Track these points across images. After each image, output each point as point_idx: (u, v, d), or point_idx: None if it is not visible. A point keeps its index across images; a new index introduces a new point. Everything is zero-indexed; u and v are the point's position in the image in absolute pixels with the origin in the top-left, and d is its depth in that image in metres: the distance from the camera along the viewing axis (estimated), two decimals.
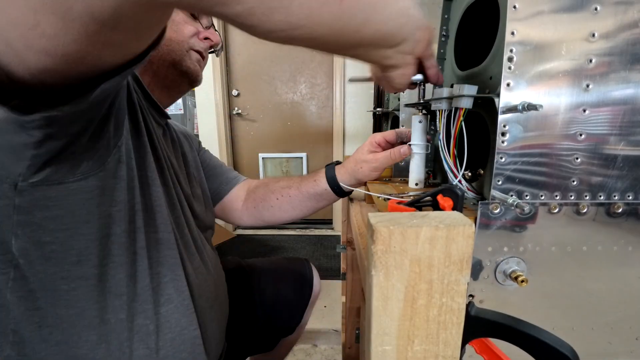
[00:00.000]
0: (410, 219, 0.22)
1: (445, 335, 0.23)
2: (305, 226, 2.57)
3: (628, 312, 0.42)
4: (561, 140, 0.37)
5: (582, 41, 0.35)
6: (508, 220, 0.38)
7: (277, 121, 2.44)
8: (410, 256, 0.21)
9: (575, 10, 0.35)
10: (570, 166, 0.38)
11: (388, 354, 0.23)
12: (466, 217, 0.22)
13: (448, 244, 0.21)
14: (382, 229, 0.21)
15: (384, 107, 1.00)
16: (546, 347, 0.24)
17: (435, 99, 0.46)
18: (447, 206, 0.34)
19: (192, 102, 2.43)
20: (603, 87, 0.36)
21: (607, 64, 0.36)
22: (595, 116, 0.37)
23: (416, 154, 0.55)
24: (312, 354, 1.36)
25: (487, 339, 0.28)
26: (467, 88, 0.41)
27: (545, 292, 0.41)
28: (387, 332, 0.23)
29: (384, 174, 0.80)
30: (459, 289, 0.22)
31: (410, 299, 0.22)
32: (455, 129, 0.43)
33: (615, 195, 0.39)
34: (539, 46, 0.35)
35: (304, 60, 2.36)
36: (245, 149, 2.52)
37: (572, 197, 0.38)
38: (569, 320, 0.42)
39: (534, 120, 0.37)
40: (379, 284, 0.22)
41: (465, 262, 0.22)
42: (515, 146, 0.37)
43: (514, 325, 0.25)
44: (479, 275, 0.40)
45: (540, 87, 0.36)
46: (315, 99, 2.41)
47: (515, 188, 0.38)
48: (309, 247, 2.19)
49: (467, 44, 0.52)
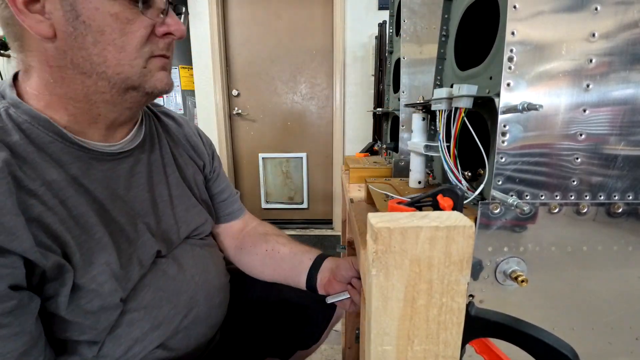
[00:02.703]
0: (410, 219, 0.22)
1: (445, 335, 0.23)
2: (305, 226, 2.57)
3: (628, 312, 0.42)
4: (561, 140, 0.37)
5: (582, 41, 0.35)
6: (508, 220, 0.38)
7: (277, 121, 2.44)
8: (410, 256, 0.21)
9: (575, 10, 0.35)
10: (571, 166, 0.38)
11: (388, 354, 0.23)
12: (466, 217, 0.22)
13: (448, 244, 0.21)
14: (382, 229, 0.21)
15: (384, 107, 1.00)
16: (546, 347, 0.24)
17: (435, 99, 0.46)
18: (447, 206, 0.34)
19: (192, 102, 2.43)
20: (603, 87, 0.36)
21: (607, 64, 0.36)
22: (595, 116, 0.37)
23: (416, 154, 0.55)
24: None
25: (487, 339, 0.28)
26: (467, 88, 0.41)
27: (545, 292, 0.41)
28: (387, 332, 0.23)
29: (384, 174, 0.80)
30: (459, 289, 0.22)
31: (410, 299, 0.22)
32: (455, 129, 0.43)
33: (616, 195, 0.39)
34: (539, 46, 0.35)
35: (304, 60, 2.36)
36: (245, 149, 2.52)
37: (572, 197, 0.38)
38: (569, 320, 0.42)
39: (534, 120, 0.37)
40: (379, 284, 0.22)
41: (465, 262, 0.22)
42: (515, 146, 0.37)
43: (514, 325, 0.25)
44: (479, 275, 0.40)
45: (541, 87, 0.36)
46: (315, 99, 2.41)
47: (515, 188, 0.38)
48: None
49: (467, 44, 0.51)
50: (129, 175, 0.50)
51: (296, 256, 0.66)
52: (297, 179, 2.53)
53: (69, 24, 0.38)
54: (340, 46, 2.19)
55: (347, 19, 2.17)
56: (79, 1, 0.38)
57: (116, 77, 0.42)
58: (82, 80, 0.41)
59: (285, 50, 2.34)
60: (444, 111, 0.45)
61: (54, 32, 0.39)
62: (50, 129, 0.41)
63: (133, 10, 0.40)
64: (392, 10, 0.90)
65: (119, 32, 0.40)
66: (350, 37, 2.18)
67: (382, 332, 0.23)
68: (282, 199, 2.58)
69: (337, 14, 2.16)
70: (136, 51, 0.42)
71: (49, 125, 0.41)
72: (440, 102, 0.45)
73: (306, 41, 2.32)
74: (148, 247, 0.50)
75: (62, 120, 0.43)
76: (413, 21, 0.73)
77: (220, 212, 0.71)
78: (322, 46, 2.31)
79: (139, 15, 0.41)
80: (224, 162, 2.42)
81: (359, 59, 2.22)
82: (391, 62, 0.92)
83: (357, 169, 0.82)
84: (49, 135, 0.41)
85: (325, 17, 2.27)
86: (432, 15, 0.73)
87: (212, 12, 2.19)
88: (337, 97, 2.28)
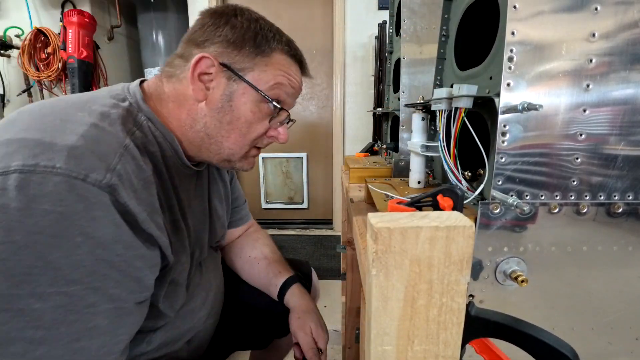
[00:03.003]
0: (410, 219, 0.22)
1: (445, 335, 0.23)
2: (305, 226, 2.57)
3: (628, 312, 0.42)
4: (561, 140, 0.37)
5: (582, 41, 0.35)
6: (508, 220, 0.38)
7: None
8: (410, 256, 0.21)
9: (575, 10, 0.35)
10: (571, 166, 0.38)
11: (388, 354, 0.23)
12: (466, 217, 0.22)
13: (448, 244, 0.21)
14: (382, 229, 0.21)
15: (384, 107, 1.00)
16: (546, 347, 0.24)
17: (435, 99, 0.46)
18: (447, 206, 0.34)
19: None
20: (603, 87, 0.36)
21: (607, 64, 0.36)
22: (595, 116, 0.37)
23: (416, 154, 0.55)
24: None
25: (487, 339, 0.28)
26: (467, 88, 0.41)
27: (545, 292, 0.41)
28: (387, 332, 0.23)
29: (384, 174, 0.80)
30: (459, 289, 0.22)
31: (410, 299, 0.22)
32: (455, 129, 0.43)
33: (616, 195, 0.39)
34: (539, 46, 0.35)
35: None
36: None
37: (572, 197, 0.38)
38: (569, 320, 0.42)
39: (534, 120, 0.37)
40: (379, 284, 0.22)
41: (465, 262, 0.22)
42: (515, 146, 0.37)
43: (514, 325, 0.25)
44: (479, 275, 0.40)
45: (540, 87, 0.36)
46: (315, 99, 2.41)
47: (515, 188, 0.38)
48: (309, 247, 2.19)
49: (467, 44, 0.51)
50: (195, 186, 0.57)
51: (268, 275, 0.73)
52: (297, 179, 2.53)
53: (219, 102, 0.49)
54: (340, 46, 2.19)
55: (347, 19, 2.17)
56: (236, 93, 0.49)
57: (226, 150, 0.52)
58: (202, 138, 0.50)
59: None
60: (444, 111, 0.45)
61: (205, 99, 0.49)
62: (173, 145, 0.49)
63: (265, 113, 0.51)
64: (392, 10, 0.90)
65: (247, 125, 0.51)
66: (350, 37, 2.18)
67: (382, 332, 0.23)
68: (282, 199, 2.58)
69: (337, 14, 2.16)
70: (250, 141, 0.52)
71: (173, 141, 0.49)
72: (440, 102, 0.45)
73: (306, 41, 2.32)
74: (203, 252, 0.59)
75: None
76: (413, 21, 0.73)
77: (231, 217, 0.75)
78: (322, 46, 2.31)
79: (266, 119, 0.52)
80: None
81: (359, 59, 2.22)
82: (391, 62, 0.92)
83: (357, 169, 0.82)
84: (171, 150, 0.49)
85: (325, 17, 2.27)
86: (432, 15, 0.73)
87: None
88: (337, 97, 2.28)
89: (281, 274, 0.72)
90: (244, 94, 0.49)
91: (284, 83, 0.51)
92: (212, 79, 0.48)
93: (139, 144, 0.43)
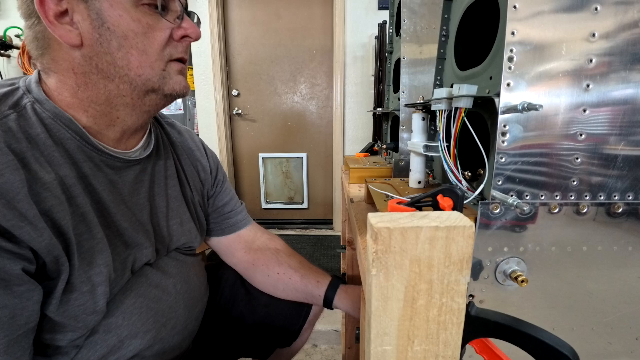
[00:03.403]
0: (410, 219, 0.22)
1: (445, 335, 0.23)
2: (305, 226, 2.57)
3: (628, 312, 0.42)
4: (561, 140, 0.37)
5: (582, 41, 0.35)
6: (508, 220, 0.38)
7: (277, 121, 2.44)
8: (410, 256, 0.21)
9: (575, 10, 0.35)
10: (571, 166, 0.38)
11: (388, 354, 0.23)
12: (466, 217, 0.22)
13: (448, 244, 0.21)
14: (382, 229, 0.21)
15: (384, 107, 1.00)
16: (546, 347, 0.24)
17: (435, 99, 0.46)
18: (447, 206, 0.34)
19: (192, 102, 2.43)
20: (603, 87, 0.36)
21: (607, 64, 0.36)
22: (595, 116, 0.37)
23: (416, 154, 0.55)
24: (312, 354, 1.36)
25: (487, 339, 0.28)
26: (467, 88, 0.41)
27: (545, 292, 0.41)
28: (387, 332, 0.23)
29: (384, 174, 0.80)
30: (459, 289, 0.22)
31: (410, 299, 0.22)
32: (455, 129, 0.43)
33: (616, 195, 0.39)
34: (539, 46, 0.35)
35: (304, 60, 2.36)
36: (245, 149, 2.52)
37: (572, 197, 0.38)
38: (569, 320, 0.42)
39: (534, 120, 0.37)
40: (379, 284, 0.22)
41: (465, 262, 0.22)
42: (515, 146, 0.37)
43: (514, 325, 0.25)
44: (479, 275, 0.40)
45: (540, 87, 0.36)
46: (315, 99, 2.41)
47: (515, 188, 0.38)
48: (309, 247, 2.18)
49: (467, 44, 0.51)
50: (133, 182, 0.51)
51: (307, 288, 0.69)
52: (297, 179, 2.53)
53: (95, 31, 0.41)
54: (340, 46, 2.19)
55: (347, 19, 2.17)
56: (104, 9, 0.41)
57: (137, 79, 0.44)
58: (104, 85, 0.43)
59: (285, 50, 2.34)
60: (444, 111, 0.45)
61: (81, 40, 0.41)
62: (71, 127, 0.43)
63: (153, 16, 0.43)
64: (392, 10, 0.90)
65: (141, 36, 0.43)
66: (350, 37, 2.18)
67: (382, 332, 0.23)
68: (282, 199, 2.58)
69: (337, 14, 2.16)
70: (157, 54, 0.44)
71: (71, 123, 0.43)
72: (440, 102, 0.45)
73: (306, 41, 2.32)
74: (143, 254, 0.50)
75: (82, 121, 0.45)
76: (413, 21, 0.73)
77: (225, 223, 0.71)
78: (322, 46, 2.31)
79: (159, 20, 0.44)
80: (224, 162, 2.42)
81: (359, 59, 2.22)
82: (391, 62, 0.92)
83: (357, 169, 0.82)
84: (68, 132, 0.43)
85: (325, 17, 2.27)
86: (432, 15, 0.73)
87: (212, 12, 2.19)
88: (337, 97, 2.28)
89: (320, 283, 0.68)
90: (112, 5, 0.41)
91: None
92: (68, 12, 0.40)
93: (12, 126, 0.38)
